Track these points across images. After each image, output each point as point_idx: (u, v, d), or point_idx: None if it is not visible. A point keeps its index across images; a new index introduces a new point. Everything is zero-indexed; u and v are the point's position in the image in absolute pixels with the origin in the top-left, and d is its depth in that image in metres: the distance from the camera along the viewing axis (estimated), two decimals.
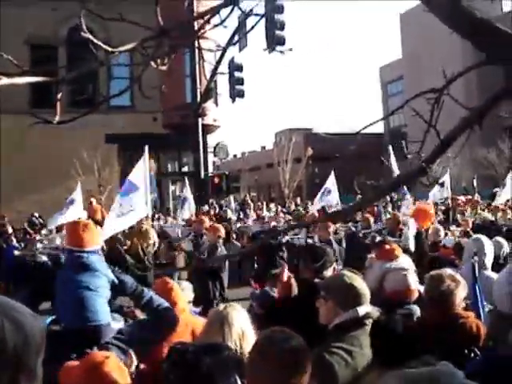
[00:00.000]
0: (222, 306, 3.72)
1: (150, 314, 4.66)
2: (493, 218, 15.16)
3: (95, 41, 2.74)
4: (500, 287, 3.07)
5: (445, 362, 2.47)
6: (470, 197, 23.84)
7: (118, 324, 4.92)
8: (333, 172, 17.84)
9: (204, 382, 2.98)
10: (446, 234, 12.12)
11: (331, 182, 17.75)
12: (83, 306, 4.66)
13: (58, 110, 3.03)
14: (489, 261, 5.79)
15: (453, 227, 12.76)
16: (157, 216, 20.97)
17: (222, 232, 10.73)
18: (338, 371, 3.25)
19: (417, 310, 4.79)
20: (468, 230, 11.95)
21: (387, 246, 5.72)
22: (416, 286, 4.84)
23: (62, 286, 4.85)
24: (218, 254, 10.00)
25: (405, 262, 5.07)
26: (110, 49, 2.76)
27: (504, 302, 2.97)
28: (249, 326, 3.48)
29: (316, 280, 4.82)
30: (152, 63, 2.89)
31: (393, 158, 18.30)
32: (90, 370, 2.92)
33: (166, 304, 4.64)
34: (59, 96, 3.14)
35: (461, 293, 4.13)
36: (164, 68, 2.94)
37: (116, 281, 4.86)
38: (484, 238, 6.07)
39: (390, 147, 19.72)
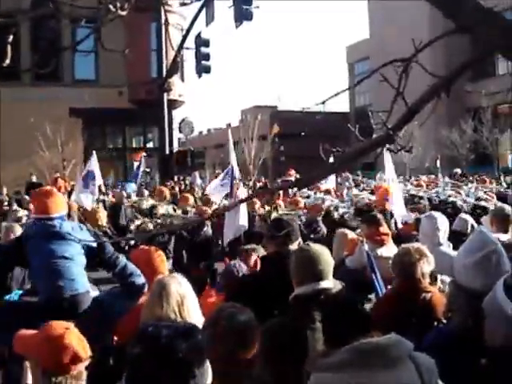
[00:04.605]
0: (162, 277, 3.80)
1: (122, 283, 4.72)
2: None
3: None
4: (458, 259, 3.22)
5: (393, 333, 2.53)
6: (432, 176, 24.04)
7: (93, 293, 4.90)
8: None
9: (179, 368, 2.97)
10: None
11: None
12: (61, 275, 4.61)
13: (8, 53, 2.94)
14: (443, 237, 5.82)
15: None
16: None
17: (192, 201, 10.90)
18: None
19: None
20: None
21: (381, 229, 5.76)
22: None
23: (36, 256, 4.74)
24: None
25: (393, 250, 5.14)
26: None
27: (461, 274, 3.12)
28: (189, 296, 3.51)
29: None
30: (111, 7, 2.80)
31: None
32: (50, 340, 2.85)
33: (139, 272, 4.66)
34: (11, 39, 3.05)
35: (426, 266, 4.21)
36: (124, 13, 2.86)
37: (91, 245, 4.83)
38: (438, 215, 6.07)
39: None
